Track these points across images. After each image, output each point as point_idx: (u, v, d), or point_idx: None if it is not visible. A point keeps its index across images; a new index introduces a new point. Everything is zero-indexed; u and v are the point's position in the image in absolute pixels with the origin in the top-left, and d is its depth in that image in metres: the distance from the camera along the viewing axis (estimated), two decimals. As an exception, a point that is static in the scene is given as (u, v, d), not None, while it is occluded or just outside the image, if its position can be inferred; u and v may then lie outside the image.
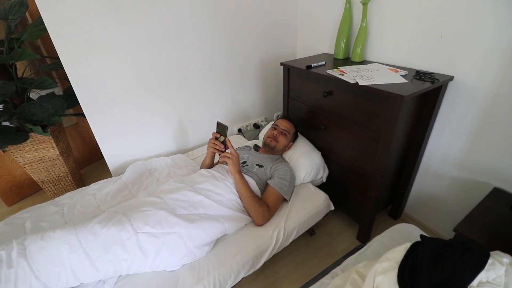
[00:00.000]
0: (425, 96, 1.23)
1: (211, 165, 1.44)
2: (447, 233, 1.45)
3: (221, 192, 1.24)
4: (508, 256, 0.71)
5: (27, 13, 1.79)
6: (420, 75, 1.21)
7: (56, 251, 0.92)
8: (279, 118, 1.59)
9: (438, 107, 1.27)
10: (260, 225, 1.24)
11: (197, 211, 1.15)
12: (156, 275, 1.05)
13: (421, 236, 0.80)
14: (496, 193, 1.16)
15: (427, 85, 1.12)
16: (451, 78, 1.19)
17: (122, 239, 0.97)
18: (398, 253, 0.77)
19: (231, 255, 1.12)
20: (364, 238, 1.52)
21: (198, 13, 1.55)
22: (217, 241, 1.19)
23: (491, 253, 0.72)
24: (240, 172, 1.25)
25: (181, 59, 1.61)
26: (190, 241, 1.05)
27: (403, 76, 1.23)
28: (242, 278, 1.15)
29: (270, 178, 1.36)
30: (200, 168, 1.45)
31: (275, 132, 1.50)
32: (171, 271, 1.06)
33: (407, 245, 0.78)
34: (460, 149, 1.28)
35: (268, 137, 1.50)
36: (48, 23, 1.20)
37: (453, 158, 1.32)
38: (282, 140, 1.48)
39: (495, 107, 1.11)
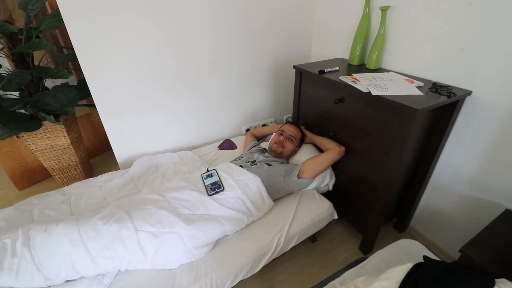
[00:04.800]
0: (441, 109, 1.18)
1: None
2: (453, 252, 1.41)
3: (225, 191, 1.24)
4: (515, 286, 0.68)
5: (46, 3, 1.83)
6: (436, 88, 1.17)
7: (57, 244, 0.94)
8: (285, 124, 1.58)
9: (453, 121, 1.23)
10: (342, 151, 1.37)
11: (198, 211, 1.15)
12: (154, 272, 1.06)
13: (424, 257, 0.78)
14: (508, 215, 1.11)
15: (443, 99, 1.08)
16: (469, 92, 1.14)
17: (123, 236, 0.99)
18: (399, 273, 0.74)
19: (230, 258, 1.12)
20: (366, 249, 1.50)
21: (216, 11, 1.54)
22: (217, 242, 1.19)
23: (497, 280, 0.69)
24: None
25: (194, 57, 1.61)
26: (189, 241, 1.06)
27: (418, 87, 1.19)
28: (240, 281, 1.15)
29: (291, 171, 1.38)
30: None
31: (281, 138, 1.48)
32: (170, 269, 1.07)
33: (409, 265, 0.75)
34: (473, 166, 1.23)
35: (275, 143, 1.49)
36: (64, 13, 1.22)
37: (465, 175, 1.27)
38: (289, 146, 1.47)
39: (513, 126, 1.06)
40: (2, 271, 0.89)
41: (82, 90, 1.74)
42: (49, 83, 1.90)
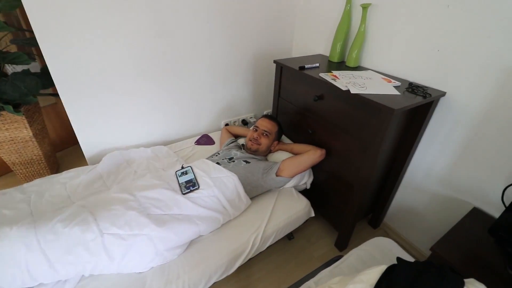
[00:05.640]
0: (416, 109, 1.20)
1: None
2: (425, 248, 1.45)
3: (200, 189, 1.19)
4: (482, 286, 0.69)
5: (4, -19, 1.64)
6: (412, 88, 1.18)
7: (11, 250, 0.85)
8: (260, 118, 1.54)
9: (428, 121, 1.25)
10: (323, 153, 1.36)
11: (171, 211, 1.10)
12: (122, 276, 1.00)
13: (398, 258, 0.78)
14: (475, 213, 1.16)
15: (418, 99, 1.09)
16: (443, 94, 1.17)
17: (86, 240, 0.91)
18: (373, 275, 0.74)
19: (203, 259, 1.08)
20: (342, 245, 1.51)
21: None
22: (191, 243, 1.14)
23: (466, 281, 0.70)
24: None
25: (169, 45, 1.51)
26: (160, 243, 1.00)
27: (395, 87, 1.20)
28: (215, 282, 1.12)
29: (270, 169, 1.34)
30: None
31: (255, 134, 1.45)
32: (139, 272, 1.02)
33: (383, 267, 0.75)
34: (444, 165, 1.27)
35: (249, 140, 1.45)
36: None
37: (437, 174, 1.31)
38: (264, 141, 1.44)
39: (483, 126, 1.10)
40: None
41: (46, 77, 1.58)
42: (11, 69, 1.73)
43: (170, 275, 1.01)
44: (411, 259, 0.99)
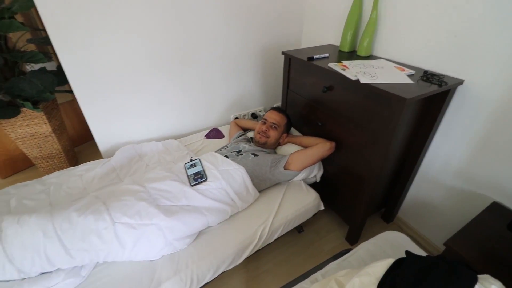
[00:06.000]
0: (431, 98, 1.14)
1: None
2: (440, 244, 1.40)
3: (208, 181, 1.20)
4: (498, 282, 0.66)
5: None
6: (427, 76, 1.12)
7: (30, 236, 0.90)
8: (268, 110, 1.52)
9: (444, 111, 1.19)
10: (333, 146, 1.33)
11: (180, 202, 1.12)
12: (134, 264, 1.03)
13: (406, 252, 0.76)
14: (495, 208, 1.10)
15: (433, 88, 1.04)
16: (461, 82, 1.10)
17: (99, 229, 0.95)
18: (380, 268, 0.72)
19: (212, 249, 1.10)
20: (353, 239, 1.49)
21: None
22: (200, 233, 1.16)
23: (479, 277, 0.67)
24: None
25: (182, 39, 1.52)
26: (169, 233, 1.03)
27: (409, 75, 1.15)
28: (224, 272, 1.13)
29: (278, 162, 1.33)
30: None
31: (264, 127, 1.44)
32: (151, 261, 1.05)
33: (390, 261, 0.73)
34: (462, 158, 1.21)
35: (258, 133, 1.44)
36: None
37: (454, 167, 1.25)
38: (273, 134, 1.43)
39: (504, 118, 1.03)
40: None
41: (61, 75, 1.64)
42: (30, 68, 1.81)
43: (179, 264, 1.04)
44: (423, 254, 0.96)
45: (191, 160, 1.30)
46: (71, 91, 1.89)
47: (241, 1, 1.60)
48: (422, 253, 0.99)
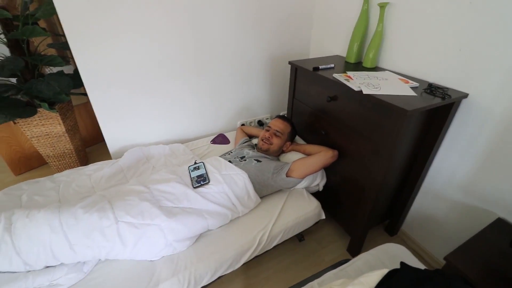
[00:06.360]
0: (435, 111, 1.15)
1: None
2: (442, 258, 1.37)
3: (210, 185, 1.23)
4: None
5: (45, -10, 1.82)
6: (431, 89, 1.13)
7: (37, 230, 0.94)
8: (274, 118, 1.55)
9: (448, 124, 1.18)
10: (335, 154, 1.34)
11: (181, 204, 1.14)
12: (135, 263, 1.06)
13: (401, 263, 0.75)
14: (499, 224, 1.08)
15: (437, 101, 1.04)
16: (465, 95, 1.10)
17: (102, 226, 0.98)
18: (373, 278, 0.72)
19: (211, 252, 1.11)
20: (354, 251, 1.47)
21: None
22: (200, 236, 1.18)
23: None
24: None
25: (189, 48, 1.58)
26: (170, 234, 1.05)
27: (413, 88, 1.16)
28: (223, 276, 1.15)
29: (280, 169, 1.35)
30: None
31: (267, 134, 1.46)
32: (151, 261, 1.07)
33: (384, 271, 0.73)
34: (467, 172, 1.19)
35: (261, 140, 1.47)
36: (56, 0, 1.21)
37: (458, 181, 1.23)
38: (276, 141, 1.45)
39: (509, 132, 1.02)
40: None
41: (78, 78, 1.73)
42: (48, 71, 1.91)
43: (178, 265, 1.05)
44: (422, 267, 0.95)
45: (195, 163, 1.33)
46: (85, 94, 1.98)
47: (252, 12, 1.65)
48: (421, 266, 0.98)
